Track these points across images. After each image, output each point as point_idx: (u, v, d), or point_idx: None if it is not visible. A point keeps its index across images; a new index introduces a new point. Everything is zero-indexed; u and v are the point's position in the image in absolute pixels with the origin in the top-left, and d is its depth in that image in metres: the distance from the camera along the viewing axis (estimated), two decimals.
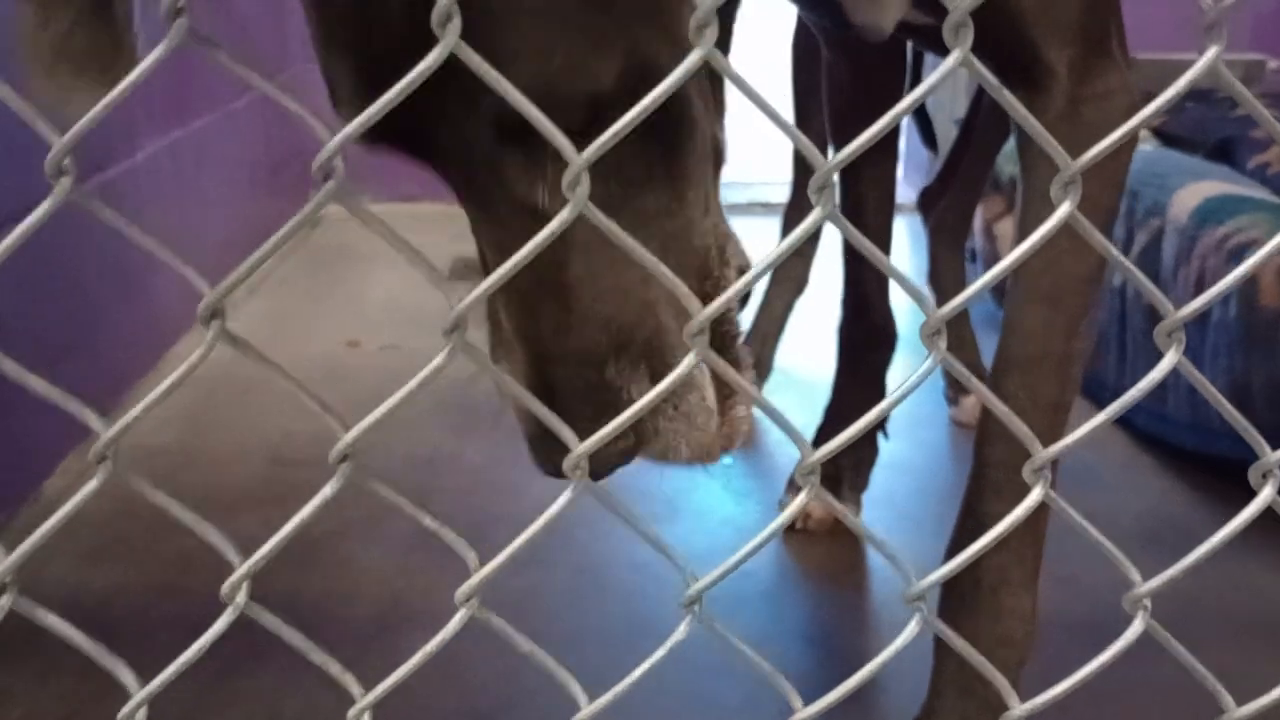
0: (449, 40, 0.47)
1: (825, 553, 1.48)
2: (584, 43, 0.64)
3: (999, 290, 2.42)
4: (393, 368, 2.04)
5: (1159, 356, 0.59)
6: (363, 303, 2.37)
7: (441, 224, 2.61)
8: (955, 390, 1.93)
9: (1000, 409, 0.59)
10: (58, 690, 1.18)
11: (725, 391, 0.75)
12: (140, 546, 1.45)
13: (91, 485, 0.51)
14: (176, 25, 0.49)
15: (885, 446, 1.78)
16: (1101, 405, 0.64)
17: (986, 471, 1.01)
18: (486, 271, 0.72)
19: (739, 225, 0.86)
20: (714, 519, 1.57)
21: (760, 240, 1.31)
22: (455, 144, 0.67)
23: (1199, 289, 1.63)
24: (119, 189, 1.84)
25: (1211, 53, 0.53)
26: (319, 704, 1.17)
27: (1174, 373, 0.59)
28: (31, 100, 0.51)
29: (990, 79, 0.55)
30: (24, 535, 0.55)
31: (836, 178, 0.54)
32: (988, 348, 2.01)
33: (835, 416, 1.57)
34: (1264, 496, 0.60)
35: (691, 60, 0.50)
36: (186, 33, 0.49)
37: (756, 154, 3.39)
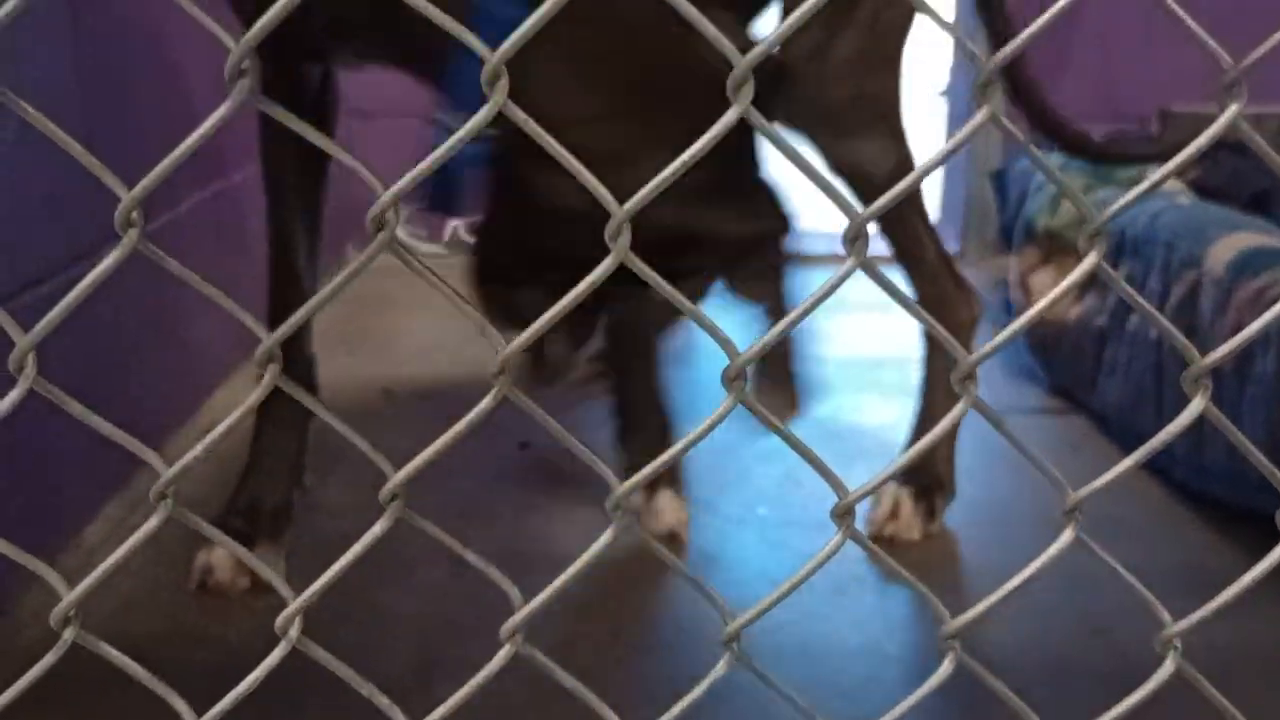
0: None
1: (861, 605, 1.48)
2: None
3: (1036, 343, 2.37)
4: (429, 416, 2.06)
5: None
6: (397, 351, 2.40)
7: None
8: None
9: (1026, 449, 0.60)
10: None
11: None
12: (176, 596, 1.46)
13: (153, 522, 0.53)
14: (240, 85, 0.51)
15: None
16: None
17: None
18: None
19: None
20: (749, 570, 1.58)
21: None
22: None
23: None
24: (162, 241, 1.87)
25: (1232, 110, 0.55)
26: None
27: (1210, 424, 0.60)
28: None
29: (1017, 135, 0.57)
30: (66, 581, 0.57)
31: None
32: (1016, 393, 2.01)
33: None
34: None
35: (729, 117, 0.53)
36: (249, 92, 0.51)
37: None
